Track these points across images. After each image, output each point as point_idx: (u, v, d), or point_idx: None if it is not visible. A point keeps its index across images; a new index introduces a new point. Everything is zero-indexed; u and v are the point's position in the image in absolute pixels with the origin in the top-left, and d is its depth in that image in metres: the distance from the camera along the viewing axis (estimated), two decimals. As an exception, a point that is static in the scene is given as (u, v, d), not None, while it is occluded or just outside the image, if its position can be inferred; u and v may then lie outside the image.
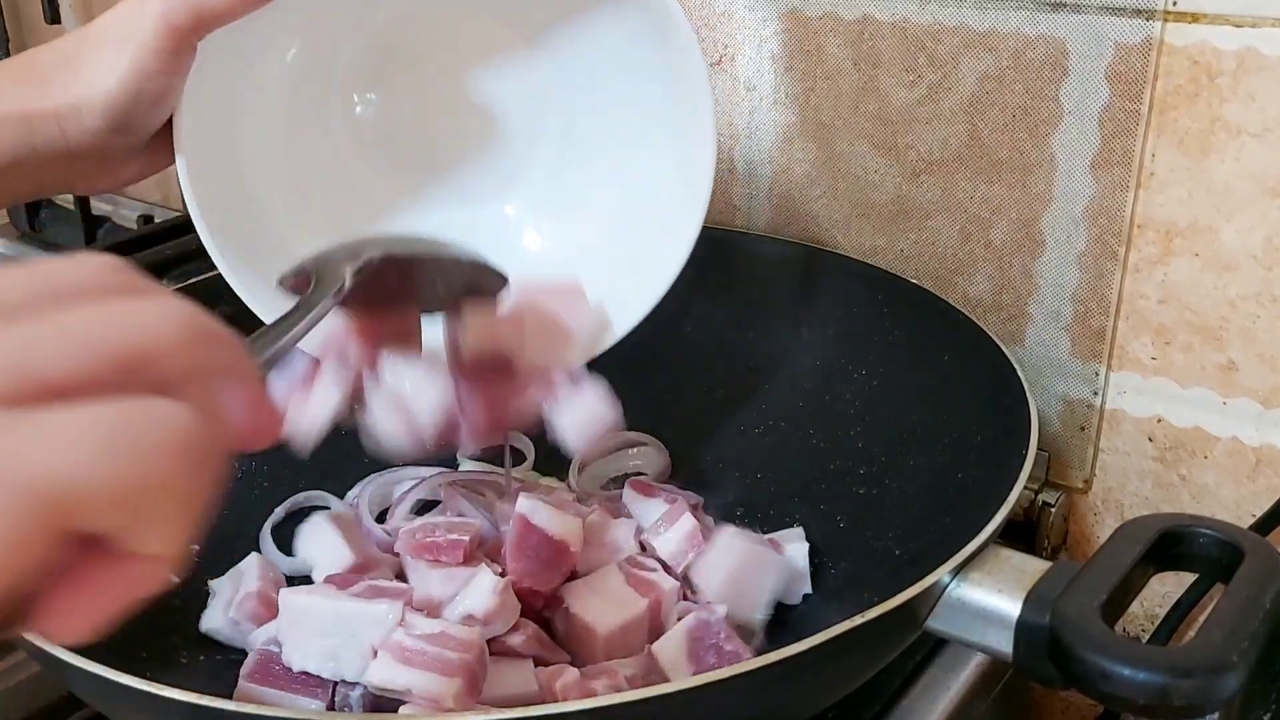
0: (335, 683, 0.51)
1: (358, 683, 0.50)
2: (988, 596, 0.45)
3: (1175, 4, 0.59)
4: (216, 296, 0.72)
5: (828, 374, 0.70)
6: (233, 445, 0.27)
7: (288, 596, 0.51)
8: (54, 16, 1.10)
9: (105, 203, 1.22)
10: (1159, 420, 0.66)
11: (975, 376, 0.61)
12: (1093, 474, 0.69)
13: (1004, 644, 0.45)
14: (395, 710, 0.48)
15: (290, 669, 0.51)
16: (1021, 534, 0.68)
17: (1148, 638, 0.67)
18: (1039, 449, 0.56)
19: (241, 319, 0.72)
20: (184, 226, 0.85)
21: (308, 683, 0.51)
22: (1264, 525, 0.60)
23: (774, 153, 0.76)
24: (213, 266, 0.57)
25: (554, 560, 0.54)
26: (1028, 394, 0.56)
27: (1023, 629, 0.44)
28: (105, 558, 0.24)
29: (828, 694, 0.50)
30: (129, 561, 0.24)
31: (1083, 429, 0.68)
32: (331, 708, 0.50)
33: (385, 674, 0.47)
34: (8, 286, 0.25)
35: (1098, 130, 0.63)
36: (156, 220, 1.03)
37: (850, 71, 0.71)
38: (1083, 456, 0.69)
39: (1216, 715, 0.42)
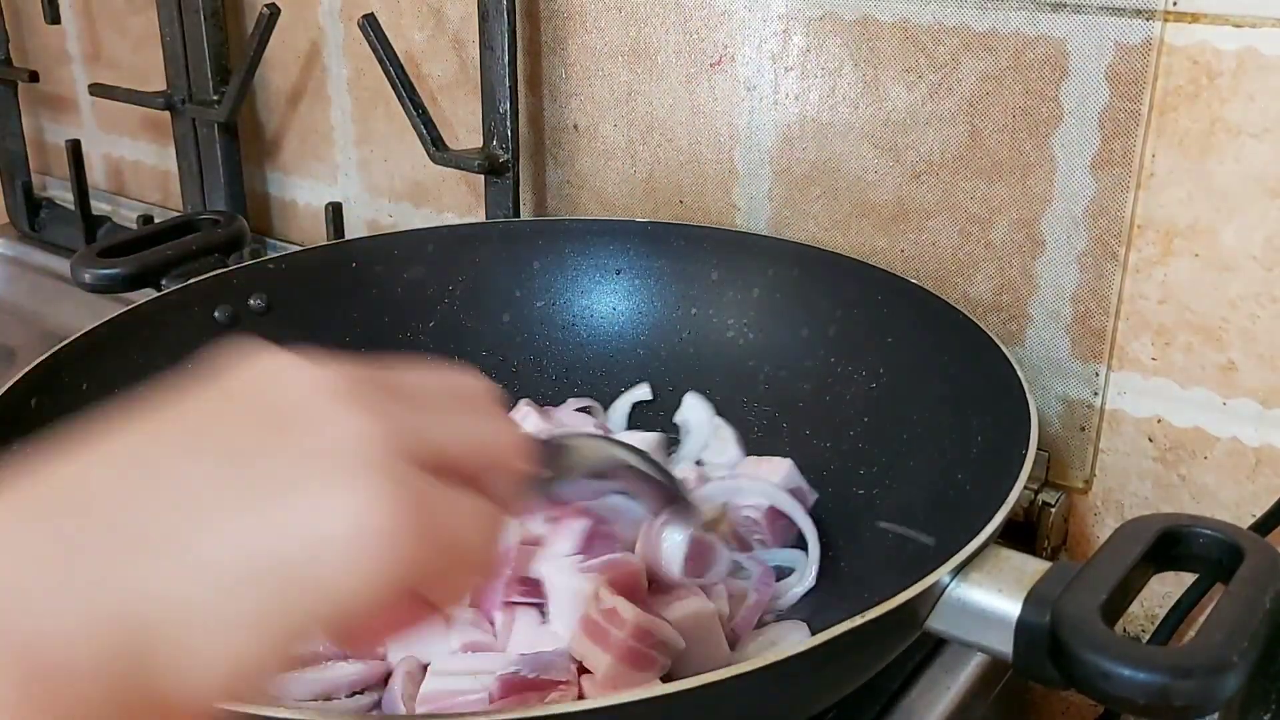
0: None
1: None
2: (988, 596, 0.45)
3: (1175, 4, 0.59)
4: (216, 297, 0.73)
5: (828, 374, 0.70)
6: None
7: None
8: (54, 17, 1.10)
9: (105, 203, 1.22)
10: (1159, 420, 0.66)
11: (975, 377, 0.61)
12: (1093, 474, 0.69)
13: (1004, 644, 0.45)
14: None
15: None
16: (1021, 534, 0.68)
17: (1148, 638, 0.67)
18: (1039, 449, 0.56)
19: (238, 325, 0.72)
20: (184, 226, 0.85)
21: None
22: (1264, 525, 0.60)
23: (774, 153, 0.76)
24: (213, 266, 0.57)
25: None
26: (1028, 394, 0.56)
27: (1023, 629, 0.44)
28: (412, 608, 0.32)
29: (828, 694, 0.50)
30: (423, 603, 0.32)
31: (1083, 429, 0.68)
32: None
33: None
34: (431, 381, 0.34)
35: (1098, 130, 0.63)
36: (156, 220, 1.03)
37: (850, 71, 0.71)
38: (1083, 457, 0.69)
39: (1216, 715, 0.42)
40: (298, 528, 0.28)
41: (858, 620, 0.43)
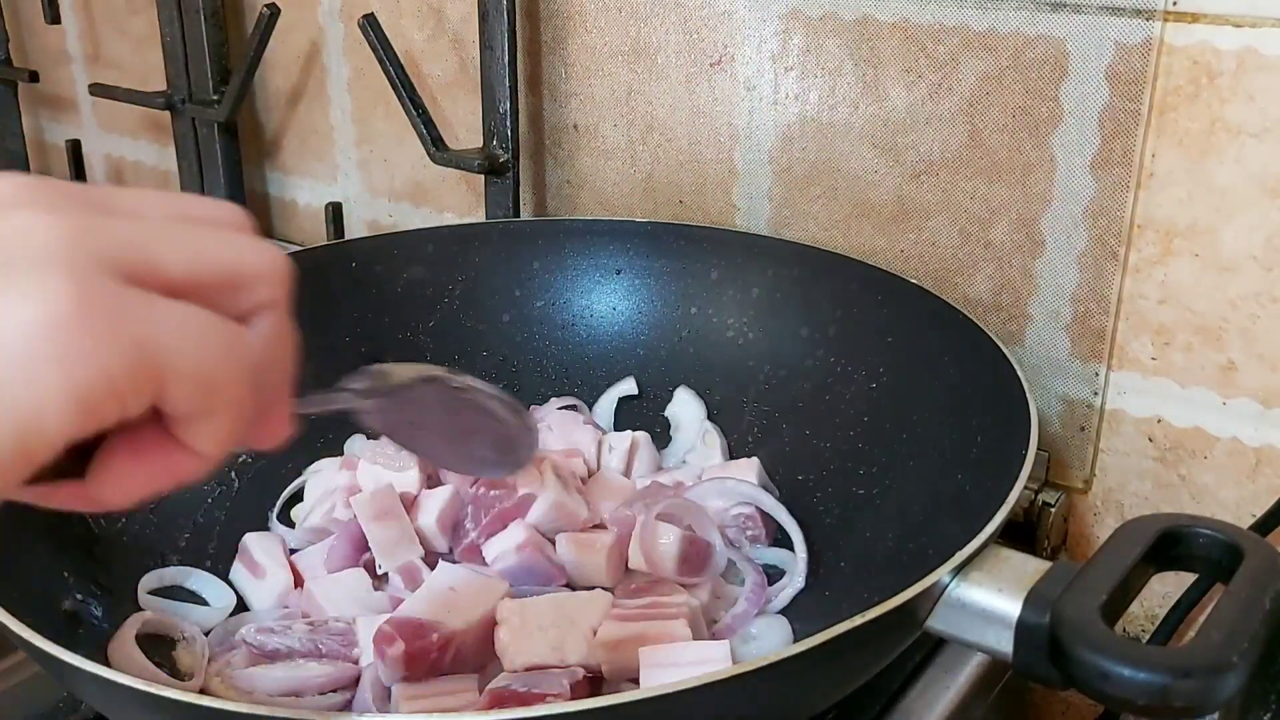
0: None
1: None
2: (988, 596, 0.45)
3: (1175, 4, 0.59)
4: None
5: (827, 374, 0.70)
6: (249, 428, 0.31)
7: (508, 603, 0.53)
8: (54, 17, 1.10)
9: (105, 203, 1.22)
10: (1159, 420, 0.66)
11: (975, 376, 0.61)
12: (1093, 474, 0.69)
13: (1004, 644, 0.45)
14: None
15: None
16: (1021, 534, 0.68)
17: (1148, 638, 0.67)
18: (1039, 449, 0.56)
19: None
20: (184, 226, 0.85)
21: None
22: (1264, 525, 0.60)
23: (774, 153, 0.76)
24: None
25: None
26: (1028, 394, 0.56)
27: (1023, 629, 0.44)
28: (159, 440, 0.29)
29: (828, 694, 0.50)
30: (177, 448, 0.29)
31: (1083, 429, 0.68)
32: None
33: (616, 632, 0.52)
34: (153, 201, 0.30)
35: (1098, 130, 0.63)
36: (156, 220, 1.03)
37: (850, 71, 0.71)
38: (1083, 457, 0.69)
39: (1216, 715, 0.42)
40: None
41: (858, 620, 0.43)
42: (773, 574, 0.62)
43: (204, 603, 0.61)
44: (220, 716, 0.40)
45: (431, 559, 0.61)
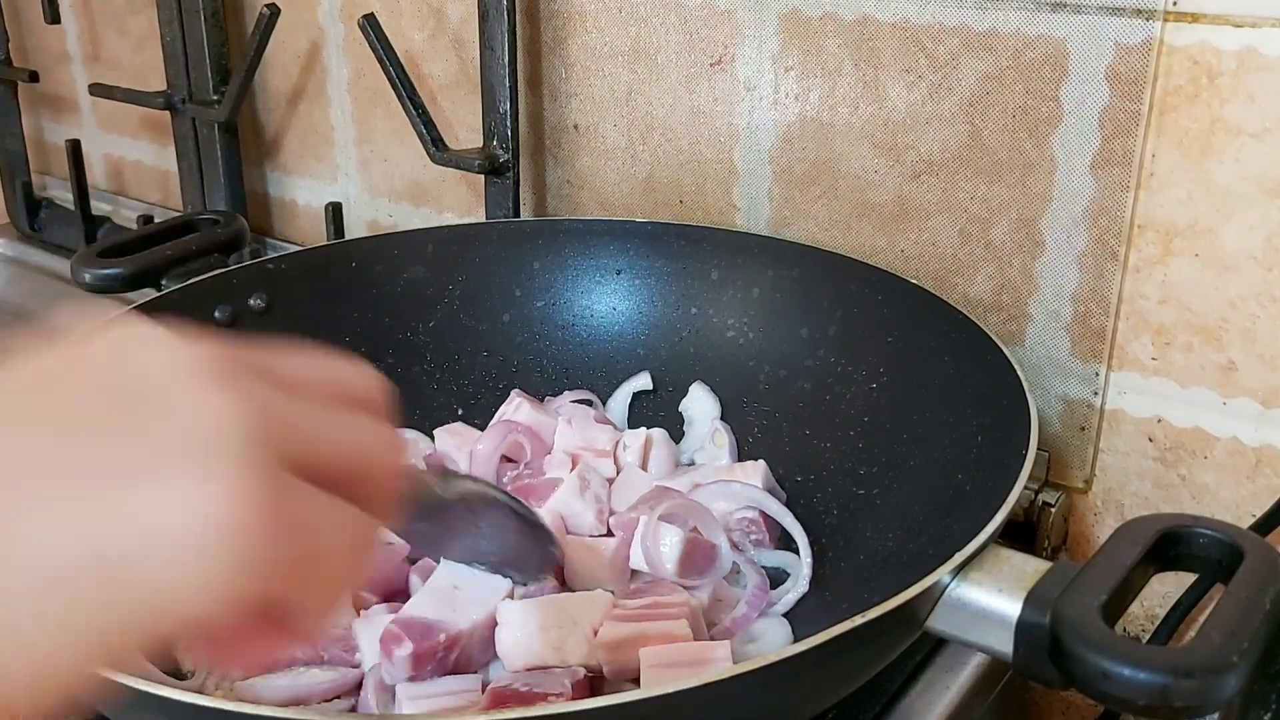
0: None
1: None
2: (988, 596, 0.45)
3: (1175, 4, 0.59)
4: (216, 297, 0.73)
5: (827, 375, 0.70)
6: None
7: (509, 604, 0.54)
8: (54, 17, 1.10)
9: (105, 203, 1.22)
10: (1159, 420, 0.66)
11: (975, 377, 0.61)
12: (1093, 474, 0.69)
13: (1004, 644, 0.45)
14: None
15: None
16: (1021, 534, 0.68)
17: (1148, 638, 0.67)
18: (1039, 449, 0.56)
19: (238, 324, 0.72)
20: (184, 226, 0.85)
21: None
22: (1264, 525, 0.60)
23: (774, 153, 0.76)
24: (213, 266, 0.57)
25: None
26: (1028, 394, 0.56)
27: (1023, 629, 0.44)
28: (271, 627, 0.29)
29: (828, 694, 0.50)
30: (274, 631, 0.29)
31: (1083, 429, 0.68)
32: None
33: (617, 632, 0.52)
34: (309, 367, 0.30)
35: (1098, 130, 0.63)
36: (156, 220, 1.03)
37: (850, 71, 0.71)
38: (1083, 457, 0.69)
39: (1216, 716, 0.42)
40: (127, 518, 0.24)
41: (858, 620, 0.43)
42: (775, 576, 0.62)
43: None
44: (221, 716, 0.40)
45: None
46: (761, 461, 0.67)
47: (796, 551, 0.63)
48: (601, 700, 0.40)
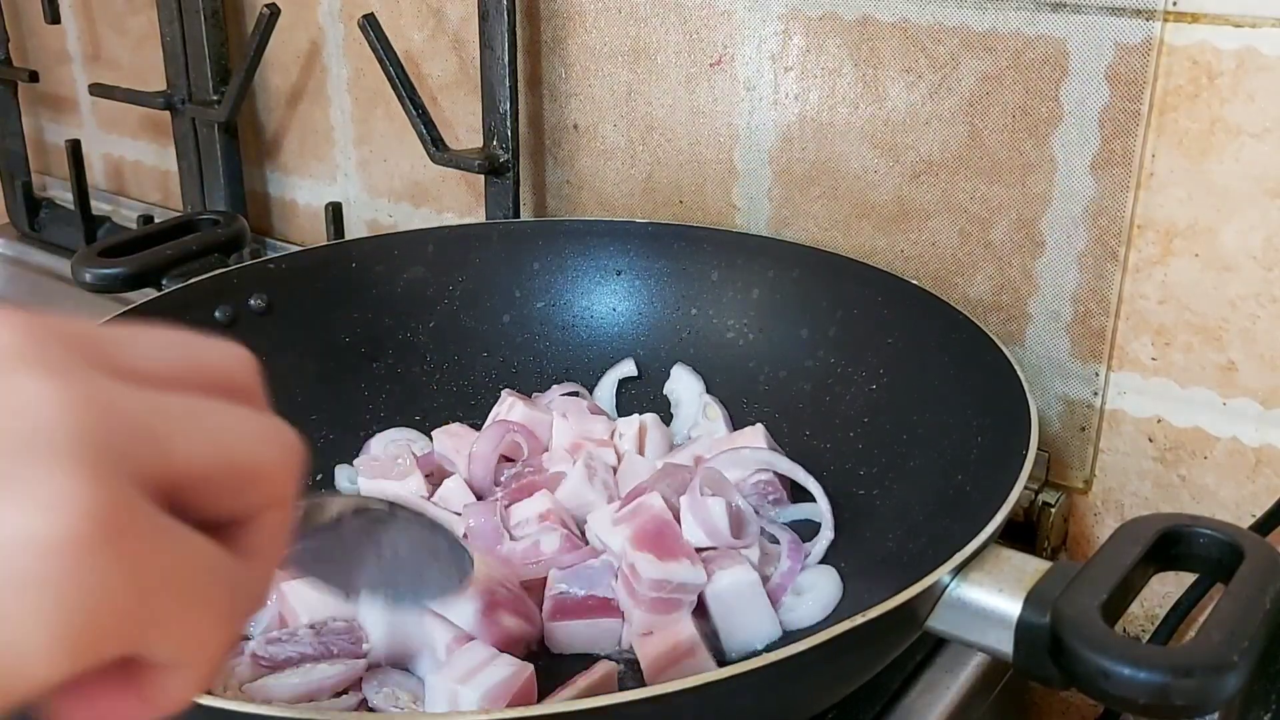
0: None
1: None
2: (988, 596, 0.45)
3: (1175, 4, 0.59)
4: (216, 297, 0.73)
5: (827, 375, 0.70)
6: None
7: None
8: (54, 17, 1.10)
9: (105, 203, 1.22)
10: (1159, 420, 0.66)
11: (975, 377, 0.61)
12: (1093, 474, 0.69)
13: (1004, 644, 0.45)
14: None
15: None
16: (1021, 534, 0.68)
17: (1148, 638, 0.67)
18: (1039, 449, 0.56)
19: (238, 324, 0.72)
20: (184, 226, 0.85)
21: None
22: (1264, 525, 0.60)
23: (774, 153, 0.76)
24: (213, 266, 0.57)
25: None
26: (1028, 394, 0.56)
27: (1023, 629, 0.44)
28: (110, 687, 0.23)
29: (828, 694, 0.50)
30: (130, 697, 0.24)
31: (1083, 429, 0.68)
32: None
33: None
34: (158, 346, 0.25)
35: (1098, 130, 0.63)
36: (156, 220, 1.03)
37: (850, 71, 0.71)
38: (1083, 457, 0.69)
39: (1216, 715, 0.42)
40: None
41: (858, 620, 0.43)
42: (801, 530, 0.63)
43: None
44: (221, 716, 0.40)
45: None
46: (759, 424, 0.68)
47: (812, 500, 0.64)
48: (601, 700, 0.40)
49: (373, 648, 0.55)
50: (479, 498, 0.67)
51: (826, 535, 0.63)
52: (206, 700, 0.40)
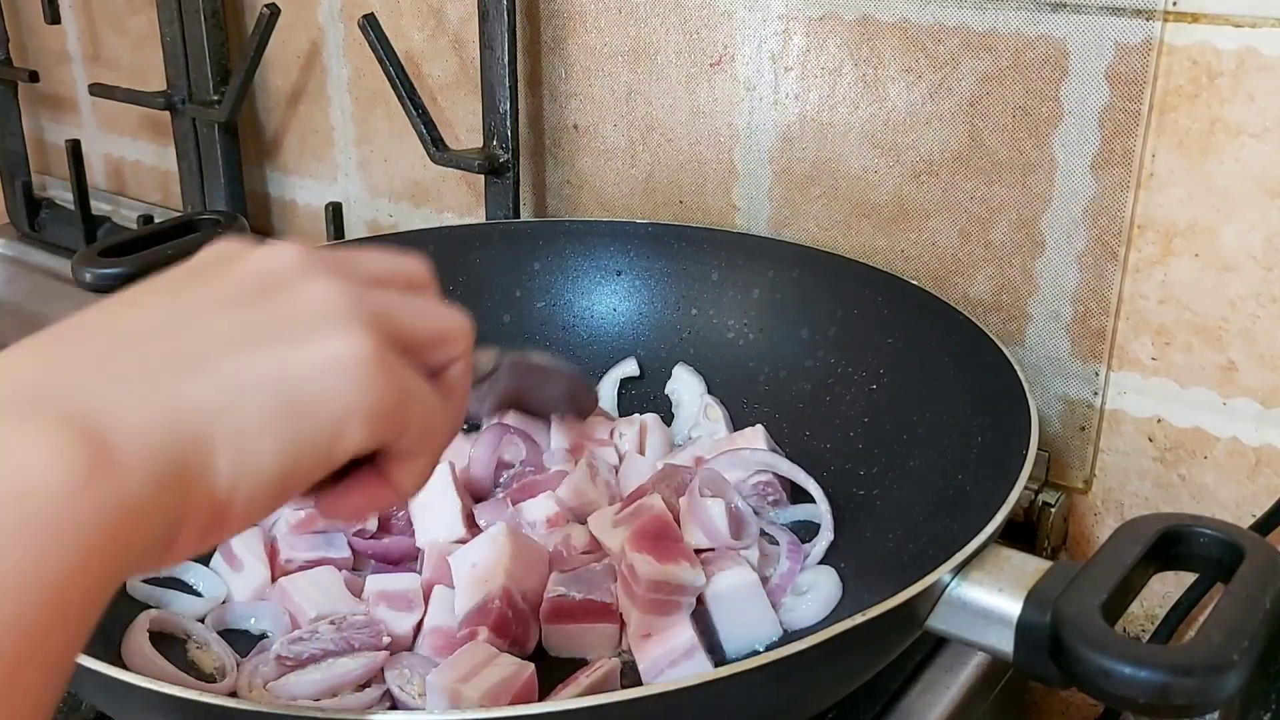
0: None
1: None
2: (988, 596, 0.45)
3: (1175, 4, 0.59)
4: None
5: (827, 375, 0.70)
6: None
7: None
8: (54, 17, 1.10)
9: (105, 203, 1.22)
10: (1159, 420, 0.66)
11: (975, 377, 0.61)
12: (1093, 474, 0.69)
13: (1004, 643, 0.45)
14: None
15: None
16: (1022, 534, 0.68)
17: (1148, 638, 0.67)
18: (1039, 449, 0.56)
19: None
20: (184, 226, 0.85)
21: None
22: (1264, 525, 0.60)
23: (774, 153, 0.76)
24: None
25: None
26: (1028, 394, 0.56)
27: (1023, 628, 0.44)
28: (374, 478, 0.37)
29: (828, 694, 0.50)
30: (386, 484, 0.37)
31: (1083, 429, 0.68)
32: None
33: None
34: (375, 261, 0.38)
35: (1098, 130, 0.63)
36: (156, 220, 1.03)
37: (850, 71, 0.71)
38: (1083, 457, 0.69)
39: (1216, 715, 0.42)
40: (302, 363, 0.32)
41: (858, 620, 0.43)
42: (799, 532, 0.63)
43: (195, 593, 0.62)
44: (221, 714, 0.40)
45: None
46: (759, 425, 0.68)
47: (811, 501, 0.64)
48: (601, 699, 0.40)
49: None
50: (477, 499, 0.67)
51: (826, 536, 0.62)
52: (205, 699, 0.40)
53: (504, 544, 0.57)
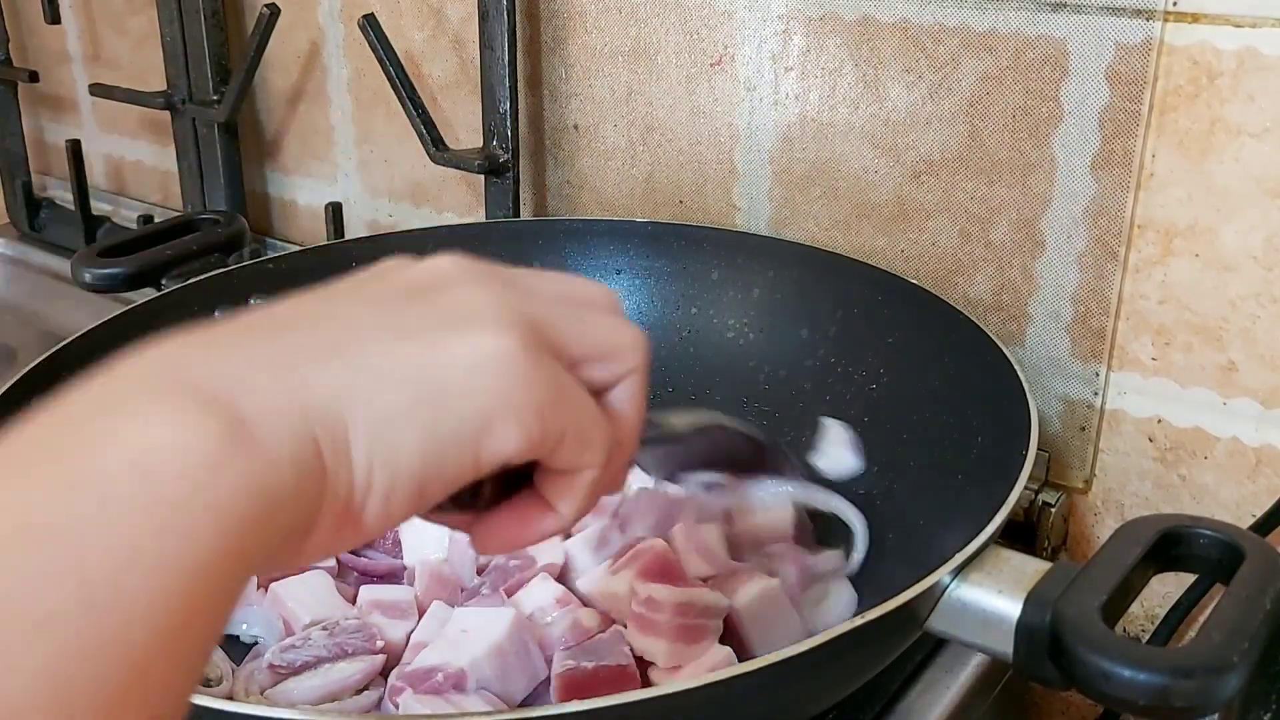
0: None
1: None
2: (988, 597, 0.45)
3: (1175, 4, 0.59)
4: (216, 297, 0.73)
5: (827, 374, 0.70)
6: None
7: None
8: (54, 17, 1.10)
9: (105, 203, 1.22)
10: (1159, 420, 0.66)
11: (975, 377, 0.61)
12: (1093, 474, 0.69)
13: (1004, 644, 0.45)
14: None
15: None
16: (1022, 534, 0.68)
17: (1148, 638, 0.67)
18: (1039, 449, 0.56)
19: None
20: (184, 226, 0.85)
21: None
22: (1264, 525, 0.60)
23: (774, 153, 0.76)
24: (213, 266, 0.58)
25: None
26: (1028, 394, 0.56)
27: (1023, 629, 0.44)
28: (533, 503, 0.36)
29: (828, 694, 0.50)
30: (546, 510, 0.36)
31: (1083, 429, 0.68)
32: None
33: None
34: (545, 281, 0.37)
35: (1098, 130, 0.63)
36: (156, 220, 1.03)
37: (850, 71, 0.71)
38: (1083, 457, 0.69)
39: (1217, 716, 0.42)
40: (443, 355, 0.32)
41: (858, 620, 0.43)
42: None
43: None
44: (221, 716, 0.40)
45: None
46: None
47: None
48: (602, 700, 0.40)
49: None
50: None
51: (861, 547, 0.61)
52: (204, 701, 0.40)
53: (499, 635, 0.53)
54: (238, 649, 0.59)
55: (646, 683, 0.53)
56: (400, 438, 0.30)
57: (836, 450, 0.67)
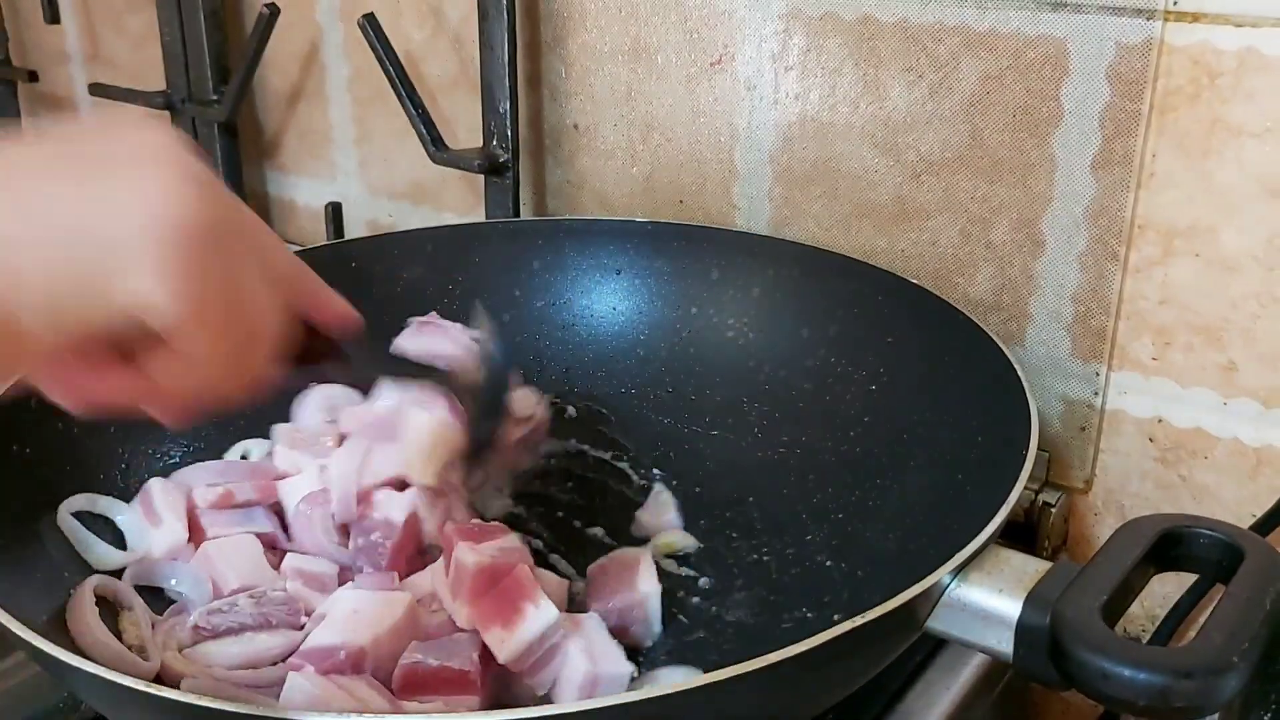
0: None
1: None
2: (988, 597, 0.45)
3: (1176, 4, 0.59)
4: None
5: (827, 374, 0.70)
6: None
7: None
8: (54, 16, 1.10)
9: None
10: (1159, 420, 0.66)
11: (975, 376, 0.61)
12: (1093, 474, 0.69)
13: (1004, 645, 0.45)
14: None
15: None
16: (1022, 534, 0.68)
17: (1148, 638, 0.67)
18: (1039, 449, 0.56)
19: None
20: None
21: None
22: (1264, 525, 0.60)
23: (774, 153, 0.76)
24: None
25: None
26: (1028, 394, 0.56)
27: (1023, 630, 0.44)
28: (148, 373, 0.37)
29: (828, 694, 0.50)
30: (163, 391, 0.38)
31: (1083, 429, 0.68)
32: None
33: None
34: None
35: (1098, 130, 0.63)
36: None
37: (850, 71, 0.71)
38: (1083, 457, 0.69)
39: (1217, 716, 0.42)
40: (101, 195, 0.34)
41: (858, 620, 0.43)
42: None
43: (120, 542, 0.61)
44: (221, 716, 0.40)
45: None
46: None
47: None
48: (601, 701, 0.40)
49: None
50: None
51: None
52: (204, 702, 0.40)
53: (396, 613, 0.53)
54: (161, 603, 0.58)
55: (487, 688, 0.51)
56: (20, 259, 0.33)
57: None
